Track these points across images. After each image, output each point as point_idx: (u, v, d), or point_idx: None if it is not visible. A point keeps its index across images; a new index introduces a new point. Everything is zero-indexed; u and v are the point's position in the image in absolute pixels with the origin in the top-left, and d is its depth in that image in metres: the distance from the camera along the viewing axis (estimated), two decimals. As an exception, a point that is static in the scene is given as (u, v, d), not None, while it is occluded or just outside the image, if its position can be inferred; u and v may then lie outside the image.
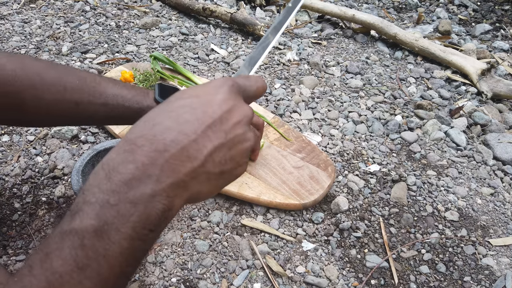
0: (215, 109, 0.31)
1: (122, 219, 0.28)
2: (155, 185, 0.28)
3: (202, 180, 0.31)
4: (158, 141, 0.29)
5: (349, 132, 1.00)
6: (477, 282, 0.72)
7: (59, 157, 0.86)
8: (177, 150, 0.29)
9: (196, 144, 0.30)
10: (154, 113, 0.31)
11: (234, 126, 0.32)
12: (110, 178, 0.28)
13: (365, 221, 0.80)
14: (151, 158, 0.28)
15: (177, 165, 0.29)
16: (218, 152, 0.31)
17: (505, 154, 0.97)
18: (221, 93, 0.33)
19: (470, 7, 1.72)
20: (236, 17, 1.33)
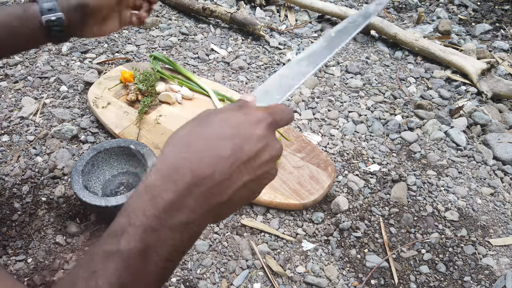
0: (251, 147, 0.33)
1: (161, 243, 0.31)
2: (190, 215, 0.31)
3: (226, 208, 0.34)
4: (197, 174, 0.31)
5: (349, 132, 1.00)
6: (477, 282, 0.72)
7: (59, 157, 0.86)
8: (212, 185, 0.32)
9: (229, 181, 0.32)
10: (197, 138, 0.33)
11: (264, 163, 0.34)
12: (154, 204, 0.31)
13: (365, 221, 0.80)
14: (190, 190, 0.31)
15: (209, 197, 0.32)
16: (245, 187, 0.34)
17: (505, 154, 0.97)
18: (260, 129, 0.34)
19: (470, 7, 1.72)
20: (236, 17, 1.33)
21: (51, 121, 0.96)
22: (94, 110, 0.95)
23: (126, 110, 0.95)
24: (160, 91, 1.00)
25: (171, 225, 0.31)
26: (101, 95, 0.98)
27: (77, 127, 0.94)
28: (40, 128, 0.94)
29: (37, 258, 0.69)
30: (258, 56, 1.26)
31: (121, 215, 0.32)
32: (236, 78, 1.16)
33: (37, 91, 1.04)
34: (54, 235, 0.73)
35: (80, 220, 0.76)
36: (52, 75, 1.09)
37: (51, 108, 0.99)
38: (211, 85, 1.05)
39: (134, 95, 0.96)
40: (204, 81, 1.06)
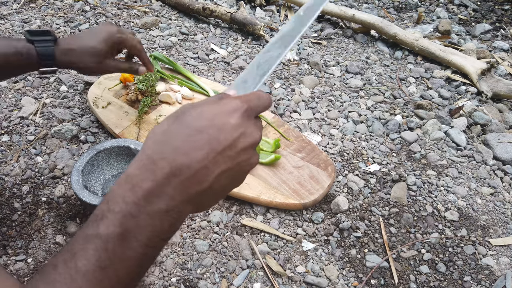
0: (226, 136, 0.34)
1: (140, 229, 0.32)
2: (169, 202, 0.33)
3: (207, 196, 0.35)
4: (175, 165, 0.33)
5: (349, 132, 1.00)
6: (477, 282, 0.72)
7: (59, 157, 0.86)
8: (190, 174, 0.33)
9: (206, 170, 0.33)
10: (174, 133, 0.34)
11: (241, 151, 0.35)
12: (133, 191, 0.32)
13: (365, 221, 0.80)
14: (168, 179, 0.32)
15: (188, 187, 0.33)
16: (224, 175, 0.35)
17: (505, 154, 0.97)
18: (234, 118, 0.35)
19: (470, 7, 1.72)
20: (236, 17, 1.33)
21: (51, 121, 0.96)
22: (94, 110, 0.95)
23: (126, 110, 0.95)
24: (160, 91, 1.00)
25: (150, 211, 0.32)
26: (101, 95, 0.98)
27: (77, 127, 0.94)
28: (40, 128, 0.94)
29: (37, 258, 0.69)
30: (258, 56, 1.26)
31: (102, 202, 0.33)
32: (236, 78, 1.16)
33: (37, 91, 1.04)
34: (54, 235, 0.73)
35: (80, 220, 0.76)
36: (52, 75, 1.09)
37: (51, 108, 0.99)
38: (211, 85, 1.05)
39: (134, 95, 0.96)
40: (204, 81, 1.06)
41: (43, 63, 0.69)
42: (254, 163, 0.38)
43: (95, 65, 0.74)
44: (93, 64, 0.74)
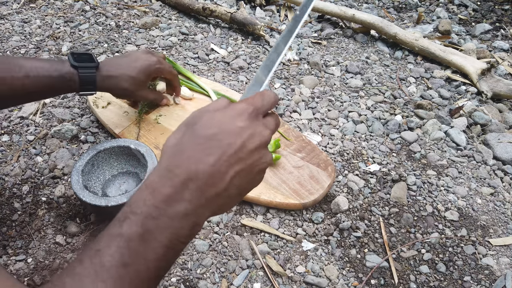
0: (236, 139, 0.36)
1: (160, 230, 0.34)
2: (187, 206, 0.35)
3: (224, 199, 0.37)
4: (190, 171, 0.35)
5: (349, 132, 1.00)
6: (477, 282, 0.72)
7: (59, 157, 0.86)
8: (205, 178, 0.35)
9: (220, 173, 0.35)
10: (186, 143, 0.37)
11: (252, 152, 0.37)
12: (154, 196, 0.35)
13: (365, 221, 0.80)
14: (186, 184, 0.35)
15: (205, 190, 0.35)
16: (238, 176, 0.37)
17: (505, 154, 0.97)
18: (241, 121, 0.37)
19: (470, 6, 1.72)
20: (236, 17, 1.33)
21: (51, 121, 0.96)
22: (94, 110, 0.95)
23: (126, 110, 0.95)
24: (160, 91, 1.00)
25: (170, 214, 0.34)
26: (101, 95, 0.98)
27: (77, 127, 0.94)
28: (40, 128, 0.94)
29: (37, 258, 0.69)
30: (258, 56, 1.26)
31: (125, 206, 0.36)
32: (236, 78, 1.16)
33: (37, 91, 1.04)
34: (54, 235, 0.73)
35: (80, 220, 0.76)
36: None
37: (51, 108, 0.99)
38: (211, 85, 1.05)
39: (134, 95, 0.96)
40: (204, 81, 1.06)
41: (84, 88, 0.73)
42: (267, 162, 0.39)
43: (129, 93, 0.80)
44: (128, 92, 0.79)
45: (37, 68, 0.68)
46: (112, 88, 0.78)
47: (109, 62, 0.78)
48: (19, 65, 0.67)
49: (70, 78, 0.71)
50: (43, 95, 0.75)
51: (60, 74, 0.70)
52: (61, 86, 0.71)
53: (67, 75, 0.71)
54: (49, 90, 0.71)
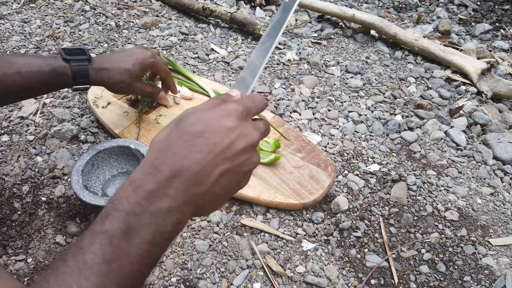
0: (223, 138, 0.36)
1: (143, 227, 0.33)
2: (171, 202, 0.34)
3: (209, 198, 0.36)
4: (175, 167, 0.34)
5: (349, 131, 1.00)
6: (477, 282, 0.72)
7: (59, 157, 0.86)
8: (190, 176, 0.34)
9: (205, 171, 0.35)
10: (173, 139, 0.36)
11: (239, 153, 0.37)
12: (136, 193, 0.34)
13: (365, 221, 0.80)
14: (169, 181, 0.34)
15: (189, 188, 0.35)
16: (224, 176, 0.36)
17: (505, 154, 0.97)
18: (229, 120, 0.37)
19: (470, 6, 1.72)
20: (236, 17, 1.33)
21: (51, 121, 0.96)
22: (94, 110, 0.95)
23: (126, 110, 0.95)
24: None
25: (153, 210, 0.34)
26: (101, 95, 0.98)
27: (77, 127, 0.94)
28: (40, 128, 0.94)
29: (37, 258, 0.69)
30: (258, 56, 1.26)
31: (108, 203, 0.35)
32: (236, 78, 1.16)
33: (37, 91, 1.04)
34: (54, 235, 0.73)
35: (80, 220, 0.76)
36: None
37: (51, 108, 0.99)
38: (211, 85, 1.05)
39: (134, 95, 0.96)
40: (204, 81, 1.06)
41: (77, 82, 0.72)
42: (254, 164, 0.39)
43: (125, 86, 0.78)
44: (124, 85, 0.78)
45: (29, 64, 0.68)
46: (106, 81, 0.76)
47: (103, 56, 0.78)
48: (10, 61, 0.66)
49: (62, 72, 0.70)
50: (36, 91, 0.74)
51: (52, 68, 0.69)
52: (54, 81, 0.71)
53: (59, 69, 0.70)
54: (42, 86, 0.71)
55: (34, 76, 0.68)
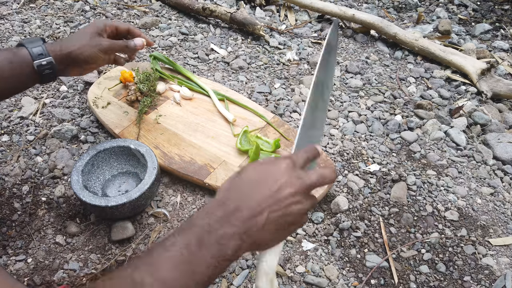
0: (272, 185, 0.46)
1: (211, 243, 0.42)
2: (234, 229, 0.43)
3: (264, 234, 0.45)
4: (237, 204, 0.45)
5: (349, 132, 1.00)
6: (477, 281, 0.72)
7: (59, 157, 0.86)
8: (247, 211, 0.44)
9: (259, 208, 0.44)
10: (237, 183, 0.47)
11: (286, 196, 0.45)
12: (209, 217, 0.44)
13: (365, 221, 0.80)
14: (233, 213, 0.44)
15: (247, 221, 0.44)
16: (274, 214, 0.45)
17: (505, 154, 0.97)
18: (279, 171, 0.47)
19: (470, 6, 1.72)
20: (236, 17, 1.33)
21: (51, 121, 0.96)
22: (94, 110, 0.95)
23: (126, 110, 0.95)
24: (160, 91, 1.00)
25: (219, 232, 0.43)
26: (101, 95, 0.98)
27: (77, 127, 0.94)
28: (40, 128, 0.94)
29: (37, 258, 0.69)
30: (258, 56, 1.26)
31: (183, 222, 0.46)
32: (236, 78, 1.16)
33: (37, 91, 1.04)
34: (54, 235, 0.73)
35: (80, 220, 0.76)
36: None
37: (51, 108, 0.99)
38: (211, 85, 1.05)
39: (134, 95, 0.96)
40: (204, 81, 1.06)
41: (36, 60, 0.67)
42: (304, 208, 0.47)
43: (89, 46, 0.72)
44: (86, 42, 0.72)
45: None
46: (69, 48, 0.71)
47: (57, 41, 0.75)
48: None
49: (19, 54, 0.66)
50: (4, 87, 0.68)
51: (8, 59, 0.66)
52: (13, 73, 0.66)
53: (13, 50, 0.67)
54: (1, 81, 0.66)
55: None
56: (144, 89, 0.96)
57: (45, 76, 0.70)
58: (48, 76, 0.70)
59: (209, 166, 0.83)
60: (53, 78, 0.72)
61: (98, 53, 0.73)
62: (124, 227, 0.73)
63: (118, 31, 0.79)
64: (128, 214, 0.73)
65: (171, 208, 0.79)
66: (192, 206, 0.80)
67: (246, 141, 0.88)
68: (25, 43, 0.68)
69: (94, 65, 0.76)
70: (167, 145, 0.88)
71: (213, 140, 0.90)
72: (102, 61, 0.76)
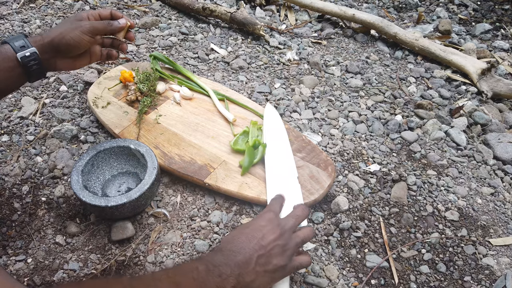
0: (258, 233, 0.58)
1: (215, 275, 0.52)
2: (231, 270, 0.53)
3: (254, 275, 0.54)
4: (234, 252, 0.56)
5: (349, 131, 1.00)
6: (477, 282, 0.72)
7: (58, 157, 0.86)
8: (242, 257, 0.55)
9: (250, 255, 0.55)
10: (232, 234, 0.59)
11: (270, 242, 0.57)
12: (211, 258, 0.55)
13: (365, 221, 0.80)
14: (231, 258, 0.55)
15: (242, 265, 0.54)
16: (262, 259, 0.55)
17: (505, 154, 0.97)
18: (263, 222, 0.60)
19: (470, 6, 1.72)
20: (236, 17, 1.33)
21: (51, 121, 0.96)
22: (94, 110, 0.95)
23: (126, 110, 0.95)
24: (160, 91, 1.00)
25: (221, 269, 0.52)
26: (101, 95, 0.98)
27: (77, 127, 0.94)
28: (40, 128, 0.94)
29: (37, 258, 0.69)
30: (258, 56, 1.26)
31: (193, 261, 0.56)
32: (236, 78, 1.16)
33: (37, 91, 1.04)
34: (54, 235, 0.73)
35: (80, 220, 0.76)
36: (52, 75, 1.09)
37: (51, 108, 0.99)
38: (211, 85, 1.05)
39: (134, 95, 0.96)
40: (204, 81, 1.06)
41: (19, 52, 0.65)
42: (287, 249, 0.58)
43: (70, 29, 0.69)
44: (67, 27, 0.70)
45: None
46: (52, 36, 0.68)
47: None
48: None
49: (3, 51, 0.65)
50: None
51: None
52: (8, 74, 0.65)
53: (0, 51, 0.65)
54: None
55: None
56: (144, 89, 0.96)
57: (33, 72, 0.67)
58: (36, 72, 0.68)
59: (209, 166, 0.83)
60: (41, 74, 0.70)
61: (81, 35, 0.70)
62: (124, 227, 0.73)
63: (102, 17, 0.77)
64: (128, 214, 0.73)
65: (171, 208, 0.79)
66: (192, 206, 0.80)
67: (243, 141, 0.88)
68: (8, 40, 0.66)
69: (79, 51, 0.72)
70: (167, 145, 0.87)
71: (213, 140, 0.90)
72: (87, 44, 0.72)
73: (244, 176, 0.82)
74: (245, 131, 0.90)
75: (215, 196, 0.82)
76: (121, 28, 0.77)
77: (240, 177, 0.81)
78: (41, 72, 0.69)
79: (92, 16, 0.75)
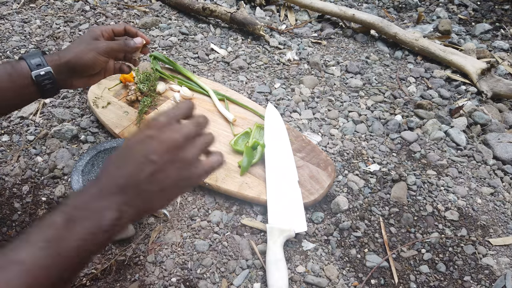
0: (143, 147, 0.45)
1: (85, 218, 0.41)
2: (109, 202, 0.43)
3: (146, 197, 0.44)
4: (114, 177, 0.44)
5: (349, 131, 1.00)
6: (477, 281, 0.72)
7: (59, 157, 0.86)
8: (123, 181, 0.44)
9: (135, 175, 0.44)
10: (116, 158, 0.46)
11: (161, 154, 0.45)
12: (82, 194, 0.44)
13: (365, 221, 0.80)
14: (108, 187, 0.43)
15: (123, 190, 0.43)
16: (155, 176, 0.44)
17: (505, 154, 0.97)
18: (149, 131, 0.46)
19: (470, 6, 1.72)
20: (236, 17, 1.33)
21: (51, 121, 0.96)
22: (94, 110, 0.95)
23: (126, 110, 0.95)
24: (160, 91, 1.00)
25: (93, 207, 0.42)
26: (101, 95, 0.98)
27: (77, 127, 0.94)
28: (40, 128, 0.94)
29: (37, 258, 0.69)
30: (258, 56, 1.26)
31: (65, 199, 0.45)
32: (236, 78, 1.16)
33: (37, 91, 1.04)
34: (54, 235, 0.73)
35: (80, 220, 0.76)
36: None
37: (51, 108, 0.99)
38: (211, 85, 1.05)
39: (134, 95, 0.96)
40: (204, 81, 1.06)
41: (34, 70, 0.66)
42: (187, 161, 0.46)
43: (87, 50, 0.70)
44: (83, 47, 0.70)
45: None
46: (69, 56, 0.69)
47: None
48: None
49: (17, 65, 0.65)
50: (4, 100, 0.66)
51: (7, 72, 0.65)
52: (12, 87, 0.65)
53: (11, 63, 0.66)
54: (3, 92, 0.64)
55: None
56: (144, 89, 0.96)
57: (47, 90, 0.68)
58: (50, 90, 0.68)
59: (209, 166, 0.83)
60: (55, 92, 0.70)
61: (97, 56, 0.71)
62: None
63: (115, 33, 0.77)
64: (128, 214, 0.73)
65: (171, 208, 0.79)
66: (192, 206, 0.80)
67: (243, 141, 0.88)
68: (25, 56, 0.67)
69: (95, 71, 0.73)
70: (167, 145, 0.87)
71: (213, 140, 0.90)
72: (102, 64, 0.73)
73: (244, 176, 0.82)
74: (247, 132, 0.90)
75: (215, 196, 0.82)
76: (137, 48, 0.78)
77: (240, 177, 0.81)
78: (55, 90, 0.70)
79: (106, 33, 0.75)
